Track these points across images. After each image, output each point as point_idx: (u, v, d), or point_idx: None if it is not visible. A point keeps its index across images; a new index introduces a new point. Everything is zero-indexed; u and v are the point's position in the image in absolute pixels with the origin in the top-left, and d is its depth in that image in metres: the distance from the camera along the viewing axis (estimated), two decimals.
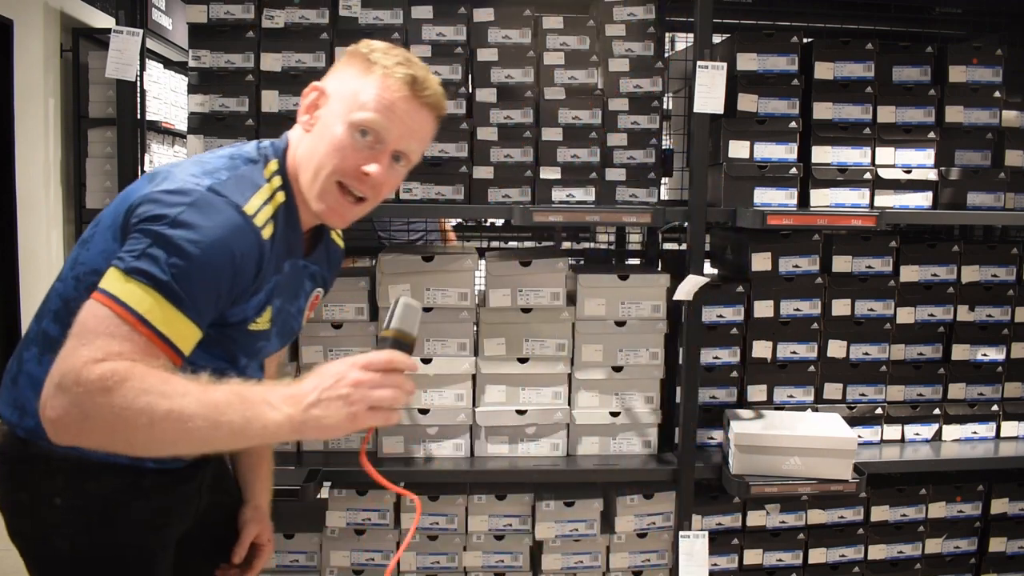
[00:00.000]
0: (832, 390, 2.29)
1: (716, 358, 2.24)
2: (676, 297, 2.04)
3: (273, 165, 1.30)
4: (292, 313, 1.43)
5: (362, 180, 1.25)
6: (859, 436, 2.23)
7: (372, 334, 2.14)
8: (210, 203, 1.15)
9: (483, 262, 2.21)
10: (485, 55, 2.15)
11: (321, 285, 1.52)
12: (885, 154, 2.23)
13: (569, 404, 2.19)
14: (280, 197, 1.28)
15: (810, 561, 2.33)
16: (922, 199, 2.25)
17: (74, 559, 1.25)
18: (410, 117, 1.25)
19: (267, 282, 1.27)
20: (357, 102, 1.23)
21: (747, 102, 2.17)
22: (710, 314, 2.20)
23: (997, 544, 2.40)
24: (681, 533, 2.12)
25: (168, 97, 6.00)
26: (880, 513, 2.35)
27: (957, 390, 2.34)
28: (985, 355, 2.33)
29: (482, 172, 2.16)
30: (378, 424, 1.11)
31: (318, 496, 2.06)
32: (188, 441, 1.07)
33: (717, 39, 2.32)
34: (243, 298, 1.23)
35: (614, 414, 2.19)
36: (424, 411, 2.15)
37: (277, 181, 1.28)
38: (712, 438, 2.27)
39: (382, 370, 1.10)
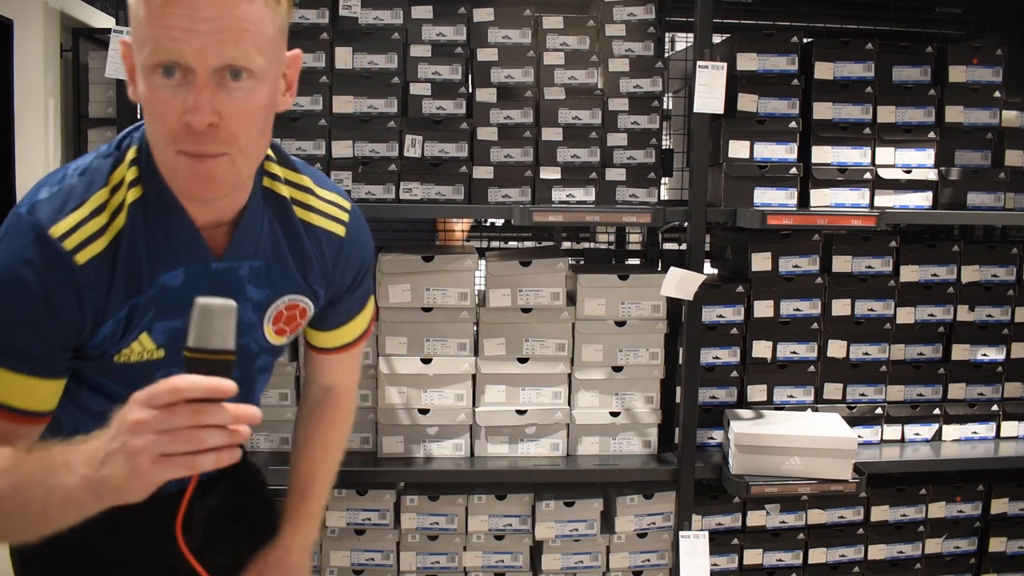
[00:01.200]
0: (832, 390, 2.29)
1: (716, 358, 2.24)
2: (663, 292, 2.03)
3: (132, 154, 1.02)
4: None
5: (194, 134, 0.91)
6: (859, 436, 2.23)
7: (372, 334, 2.14)
8: (16, 231, 0.96)
9: (483, 262, 2.21)
10: (485, 55, 2.15)
11: (290, 290, 1.15)
12: (885, 154, 2.23)
13: (569, 404, 2.18)
14: (133, 194, 1.00)
15: (810, 561, 2.33)
16: (922, 199, 2.25)
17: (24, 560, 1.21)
18: (195, 18, 0.87)
19: (118, 308, 1.00)
20: (138, 41, 0.92)
21: (747, 102, 2.17)
22: (710, 314, 2.20)
23: (997, 544, 2.40)
24: (681, 533, 2.12)
25: None
26: (880, 513, 2.35)
27: (957, 390, 2.34)
28: (985, 355, 2.33)
29: (482, 172, 2.16)
30: (181, 474, 0.80)
31: None
32: (11, 526, 0.90)
33: (717, 39, 2.31)
34: (88, 331, 1.00)
35: (614, 414, 2.19)
36: (424, 411, 2.15)
37: (132, 173, 1.01)
38: (712, 438, 2.27)
39: (166, 405, 0.79)
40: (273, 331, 1.16)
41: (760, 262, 2.23)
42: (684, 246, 2.16)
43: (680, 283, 2.02)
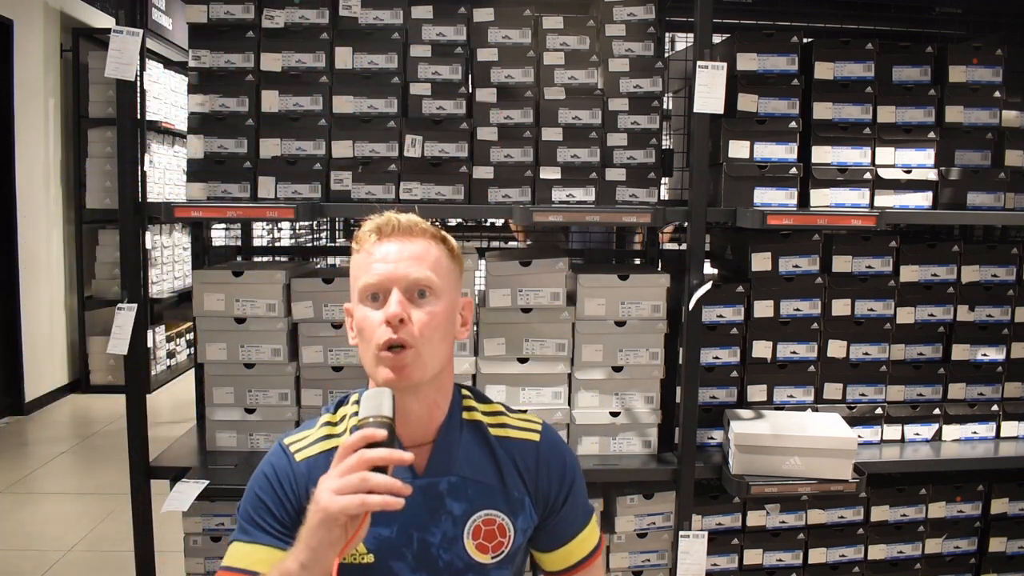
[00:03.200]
0: (832, 390, 2.29)
1: (716, 358, 2.24)
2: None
3: (355, 395, 1.30)
4: (434, 544, 1.22)
5: (390, 330, 1.16)
6: (859, 436, 2.23)
7: None
8: (268, 454, 1.28)
9: (483, 262, 2.21)
10: (485, 55, 2.15)
11: (487, 505, 1.25)
12: (885, 154, 2.23)
13: (569, 404, 2.18)
14: (354, 420, 1.20)
15: (810, 561, 2.33)
16: (922, 199, 2.25)
17: None
18: (389, 255, 1.19)
19: None
20: (354, 289, 1.22)
21: (747, 102, 2.17)
22: (710, 314, 2.20)
23: (997, 544, 2.40)
24: (681, 533, 2.12)
25: (168, 97, 6.01)
26: (880, 513, 2.35)
27: (957, 390, 2.34)
28: (985, 355, 2.33)
29: (482, 172, 2.16)
30: (354, 507, 1.00)
31: None
32: None
33: (717, 39, 2.32)
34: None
35: (614, 414, 2.19)
36: None
37: (355, 408, 1.27)
38: (712, 438, 2.27)
39: (342, 458, 1.04)
40: (474, 546, 1.24)
41: (760, 262, 2.23)
42: (684, 246, 2.16)
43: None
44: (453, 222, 3.28)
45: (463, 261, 1.30)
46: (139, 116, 2.12)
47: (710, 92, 1.99)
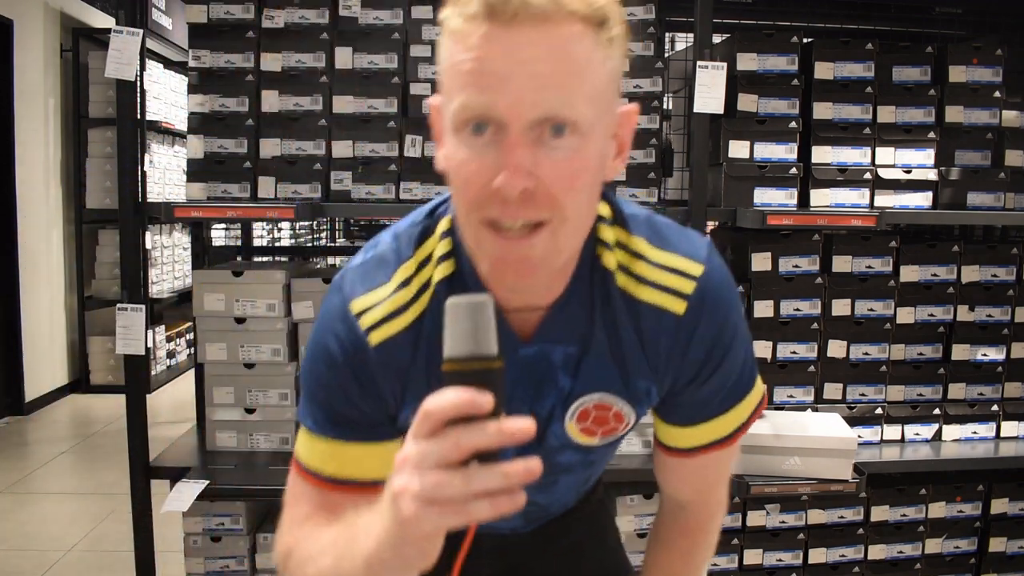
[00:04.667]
0: (832, 390, 2.29)
1: None
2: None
3: (444, 224, 0.89)
4: (541, 417, 0.92)
5: (502, 203, 0.74)
6: (859, 436, 2.23)
7: None
8: (332, 295, 0.91)
9: None
10: None
11: (604, 387, 0.91)
12: (885, 154, 2.23)
13: None
14: (442, 271, 0.88)
15: (810, 561, 2.33)
16: (922, 199, 2.25)
17: None
18: (513, 60, 0.71)
19: (420, 391, 0.83)
20: (446, 91, 0.76)
21: (747, 102, 2.17)
22: None
23: (997, 544, 2.40)
24: None
25: (168, 97, 6.01)
26: (880, 513, 2.35)
27: (957, 390, 2.34)
28: (985, 355, 2.33)
29: None
30: (450, 522, 0.65)
31: None
32: None
33: (717, 39, 2.31)
34: (393, 409, 0.91)
35: None
36: None
37: (443, 247, 0.88)
38: None
39: (428, 434, 0.65)
40: (578, 429, 0.94)
41: (760, 262, 2.23)
42: None
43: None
44: None
45: (627, 37, 0.79)
46: (139, 116, 2.12)
47: (710, 92, 1.99)
